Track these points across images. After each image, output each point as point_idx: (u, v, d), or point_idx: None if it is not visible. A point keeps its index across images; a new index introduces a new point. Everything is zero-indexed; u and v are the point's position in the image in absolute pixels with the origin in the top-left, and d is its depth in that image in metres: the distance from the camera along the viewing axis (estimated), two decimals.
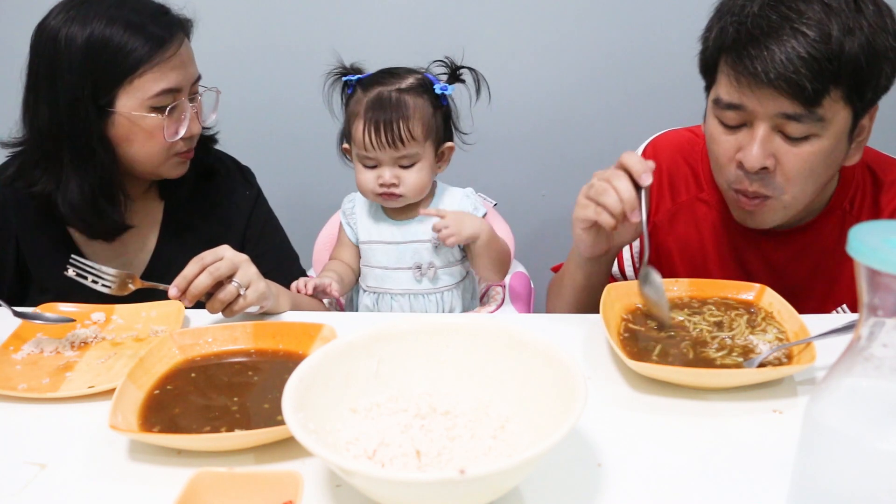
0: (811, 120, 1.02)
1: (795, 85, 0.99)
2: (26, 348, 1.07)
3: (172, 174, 1.28)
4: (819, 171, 1.07)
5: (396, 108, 1.35)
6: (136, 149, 1.22)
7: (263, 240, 1.42)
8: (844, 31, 0.98)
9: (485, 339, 0.86)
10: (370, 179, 1.39)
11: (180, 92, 1.21)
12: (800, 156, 1.05)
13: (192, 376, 0.97)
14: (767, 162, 1.05)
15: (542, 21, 1.96)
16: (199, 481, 0.70)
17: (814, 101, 1.00)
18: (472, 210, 1.48)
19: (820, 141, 1.04)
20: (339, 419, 0.80)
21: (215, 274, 1.05)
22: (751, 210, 1.12)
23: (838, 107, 1.02)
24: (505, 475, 0.67)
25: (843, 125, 1.04)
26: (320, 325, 1.03)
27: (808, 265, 1.22)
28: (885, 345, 0.55)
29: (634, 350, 1.00)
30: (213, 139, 1.41)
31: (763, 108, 1.03)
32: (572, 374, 0.75)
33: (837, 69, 0.99)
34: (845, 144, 1.07)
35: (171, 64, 1.18)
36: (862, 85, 1.01)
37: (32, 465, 0.83)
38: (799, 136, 1.04)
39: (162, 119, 1.19)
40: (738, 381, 0.93)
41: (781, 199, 1.09)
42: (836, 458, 0.58)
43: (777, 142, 1.05)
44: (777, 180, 1.07)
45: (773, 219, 1.13)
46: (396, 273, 1.45)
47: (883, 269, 0.52)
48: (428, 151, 1.39)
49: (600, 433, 0.85)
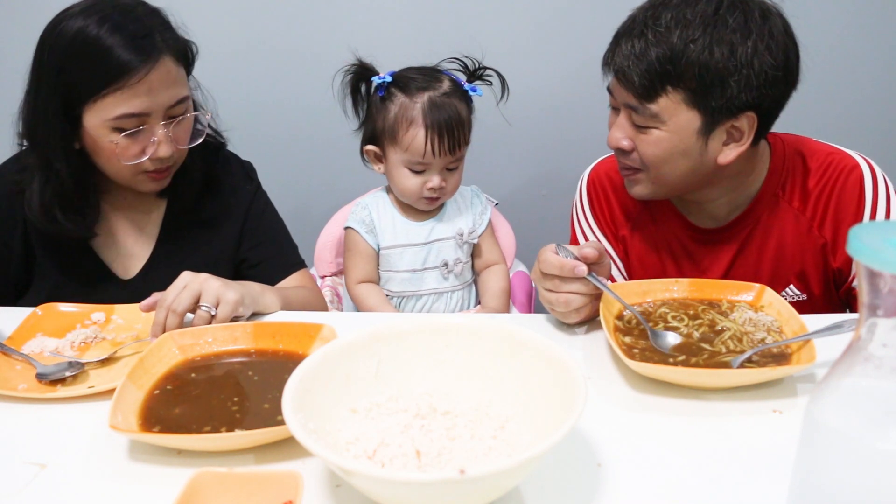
0: (647, 113, 1.14)
1: (628, 78, 1.14)
2: (26, 348, 1.07)
3: (144, 189, 1.26)
4: (671, 160, 1.17)
5: (454, 115, 1.35)
6: (103, 163, 1.22)
7: (260, 230, 1.41)
8: (686, 41, 1.09)
9: (485, 339, 0.86)
10: (417, 185, 1.38)
11: (148, 116, 1.17)
12: (645, 142, 1.17)
13: (192, 376, 0.97)
14: (624, 143, 1.20)
15: (545, 20, 1.96)
16: (199, 481, 0.70)
17: (646, 96, 1.13)
18: (481, 208, 1.49)
19: (661, 133, 1.15)
20: (339, 419, 0.80)
21: (179, 310, 1.07)
22: (628, 178, 1.25)
23: (680, 108, 1.13)
24: (505, 475, 0.67)
25: (687, 125, 1.14)
26: (320, 325, 1.03)
27: (754, 251, 1.29)
28: (884, 345, 0.55)
29: (634, 350, 1.00)
30: (222, 146, 1.40)
31: (618, 95, 1.19)
32: (572, 374, 0.75)
33: (674, 73, 1.10)
34: (696, 143, 1.15)
35: (136, 90, 1.14)
36: (705, 93, 1.11)
37: (32, 465, 0.83)
38: (641, 125, 1.17)
39: (121, 141, 1.17)
40: (738, 381, 0.93)
41: (648, 175, 1.21)
42: (836, 458, 0.58)
43: (630, 128, 1.19)
44: (636, 158, 1.20)
45: (644, 190, 1.24)
46: (425, 273, 1.45)
47: (883, 269, 0.52)
48: (465, 153, 1.42)
49: (600, 433, 0.85)
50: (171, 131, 1.20)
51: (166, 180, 1.27)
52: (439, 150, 1.34)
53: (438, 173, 1.38)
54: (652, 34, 1.11)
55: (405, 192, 1.40)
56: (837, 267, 1.26)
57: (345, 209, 1.63)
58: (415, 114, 1.34)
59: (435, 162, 1.36)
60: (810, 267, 1.27)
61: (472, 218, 1.48)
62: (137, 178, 1.23)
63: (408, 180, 1.38)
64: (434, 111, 1.34)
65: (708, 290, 1.14)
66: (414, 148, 1.35)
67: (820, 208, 1.25)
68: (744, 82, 1.10)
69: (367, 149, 1.42)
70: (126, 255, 1.34)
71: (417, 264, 1.44)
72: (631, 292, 1.12)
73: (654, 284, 1.15)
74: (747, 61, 1.09)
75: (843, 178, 1.24)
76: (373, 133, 1.41)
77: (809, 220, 1.25)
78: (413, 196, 1.40)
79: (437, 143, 1.34)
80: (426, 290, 1.45)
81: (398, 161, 1.38)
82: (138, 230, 1.35)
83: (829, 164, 1.25)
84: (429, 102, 1.34)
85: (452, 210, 1.47)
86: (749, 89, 1.11)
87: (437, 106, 1.34)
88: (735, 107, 1.12)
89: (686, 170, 1.19)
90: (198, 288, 1.08)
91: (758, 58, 1.09)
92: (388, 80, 1.38)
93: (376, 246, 1.45)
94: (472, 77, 1.43)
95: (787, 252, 1.28)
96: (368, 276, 1.45)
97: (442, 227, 1.45)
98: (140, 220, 1.35)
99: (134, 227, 1.34)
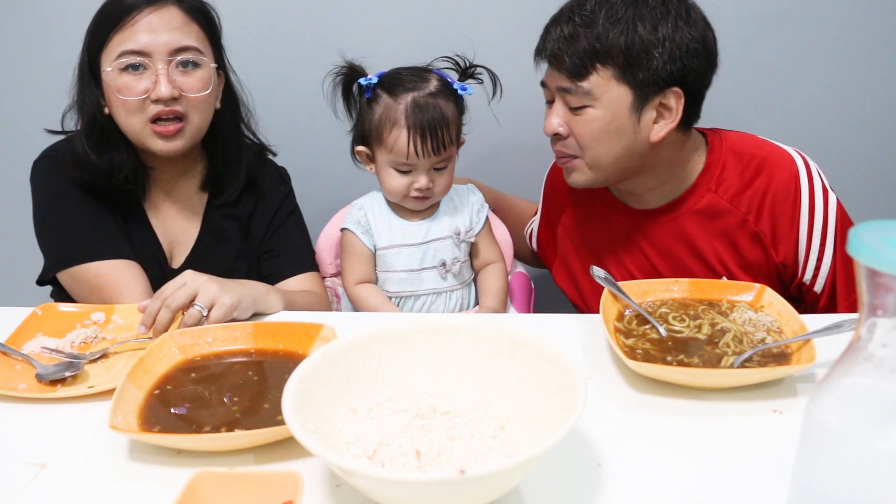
0: (580, 92, 1.20)
1: (559, 60, 1.21)
2: (26, 348, 1.07)
3: (156, 148, 1.29)
4: (606, 138, 1.22)
5: (438, 116, 1.34)
6: (119, 118, 1.28)
7: (283, 228, 1.48)
8: (611, 20, 1.17)
9: (485, 339, 0.86)
10: (404, 185, 1.38)
11: (150, 57, 1.23)
12: (581, 123, 1.23)
13: (192, 376, 0.97)
14: (560, 129, 1.25)
15: (543, 19, 1.96)
16: (199, 481, 0.70)
17: (577, 75, 1.20)
18: (478, 206, 1.49)
19: (595, 112, 1.21)
20: (339, 419, 0.80)
21: (173, 307, 1.08)
22: (565, 166, 1.30)
23: (611, 84, 1.19)
24: (505, 475, 0.67)
25: (618, 100, 1.20)
26: (320, 325, 1.03)
27: (686, 241, 1.34)
28: (884, 344, 0.55)
29: (636, 350, 1.00)
30: (264, 149, 1.49)
31: (551, 82, 1.25)
32: (572, 374, 0.75)
33: (601, 50, 1.18)
34: (629, 120, 1.21)
35: (136, 28, 1.23)
36: (632, 66, 1.17)
37: (32, 465, 0.83)
38: (576, 106, 1.22)
39: (123, 77, 1.24)
40: (738, 381, 0.93)
41: (585, 160, 1.26)
42: (836, 458, 0.58)
43: (566, 112, 1.24)
44: (573, 143, 1.25)
45: (582, 177, 1.29)
46: (422, 273, 1.45)
47: (883, 269, 0.52)
48: (454, 152, 1.41)
49: (600, 433, 0.85)
50: (175, 75, 1.25)
51: (177, 141, 1.29)
52: (423, 150, 1.34)
53: (425, 174, 1.38)
54: (579, 18, 1.20)
55: (392, 192, 1.41)
56: (781, 261, 1.29)
57: (343, 211, 1.63)
58: (397, 115, 1.34)
59: (420, 162, 1.36)
60: (750, 259, 1.30)
61: (468, 216, 1.48)
62: (145, 132, 1.27)
63: (394, 180, 1.39)
64: (416, 112, 1.33)
65: (708, 290, 1.14)
66: (397, 149, 1.35)
67: (756, 202, 1.28)
68: (667, 54, 1.17)
69: (359, 149, 1.43)
70: (175, 243, 1.41)
71: (415, 264, 1.44)
72: (631, 292, 1.12)
73: (654, 284, 1.15)
74: (668, 35, 1.17)
75: (778, 172, 1.28)
76: (362, 134, 1.42)
77: (744, 213, 1.28)
78: (399, 196, 1.40)
79: (419, 143, 1.34)
80: (424, 291, 1.45)
81: (385, 162, 1.39)
82: (184, 219, 1.42)
83: (765, 159, 1.30)
84: (412, 103, 1.34)
85: (448, 209, 1.47)
86: (672, 61, 1.17)
87: (420, 106, 1.34)
88: (661, 79, 1.18)
89: (620, 150, 1.23)
90: (195, 288, 1.10)
91: (679, 32, 1.18)
92: (374, 82, 1.38)
93: (372, 247, 1.44)
94: (464, 76, 1.43)
95: (719, 244, 1.31)
96: (366, 276, 1.45)
97: (438, 227, 1.45)
98: (184, 209, 1.42)
99: (180, 216, 1.42)
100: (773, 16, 1.75)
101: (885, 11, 1.78)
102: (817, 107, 1.86)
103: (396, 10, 1.85)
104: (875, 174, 1.91)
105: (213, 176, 1.42)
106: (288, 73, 1.86)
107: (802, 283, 1.30)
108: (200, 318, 1.09)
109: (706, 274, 1.32)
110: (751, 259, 1.30)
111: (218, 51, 1.35)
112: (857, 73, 1.85)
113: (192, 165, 1.41)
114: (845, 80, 1.85)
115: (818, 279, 1.29)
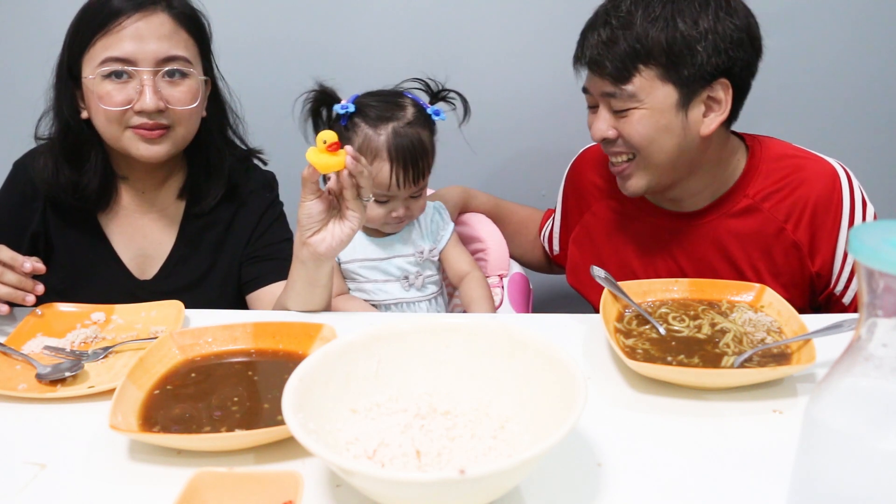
0: (625, 96, 1.18)
1: (600, 66, 1.19)
2: (26, 348, 1.07)
3: (137, 153, 1.23)
4: (657, 138, 1.20)
5: (418, 147, 1.33)
6: (94, 120, 1.23)
7: (267, 236, 1.41)
8: (649, 20, 1.15)
9: (485, 339, 0.86)
10: (381, 214, 1.38)
11: (135, 65, 1.18)
12: (628, 124, 1.20)
13: (192, 376, 0.97)
14: (609, 133, 1.23)
15: (538, 20, 1.96)
16: (199, 481, 0.70)
17: (620, 79, 1.18)
18: (442, 224, 1.48)
19: (642, 112, 1.19)
20: (339, 419, 0.80)
21: None
22: (622, 174, 1.28)
23: (655, 84, 1.17)
24: (505, 475, 0.67)
25: (664, 100, 1.18)
26: (320, 325, 1.03)
27: (718, 246, 1.31)
28: (884, 344, 0.55)
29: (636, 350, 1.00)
30: (250, 155, 1.42)
31: (593, 88, 1.23)
32: (572, 374, 0.75)
33: (643, 51, 1.15)
34: (677, 117, 1.19)
35: (122, 35, 1.17)
36: (676, 64, 1.15)
37: (32, 465, 0.83)
38: (620, 109, 1.20)
39: (106, 85, 1.19)
40: (738, 381, 0.93)
41: (639, 161, 1.24)
42: (836, 458, 0.58)
43: (611, 116, 1.22)
44: (623, 144, 1.23)
45: (639, 182, 1.26)
46: (387, 285, 1.45)
47: (883, 269, 0.52)
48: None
49: (600, 433, 0.85)
50: (161, 86, 1.20)
51: (160, 146, 1.23)
52: (404, 182, 1.33)
53: (402, 202, 1.37)
54: (616, 20, 1.17)
55: (371, 220, 1.39)
56: (816, 271, 1.27)
57: None
58: (378, 147, 1.32)
59: (401, 193, 1.36)
60: (783, 267, 1.28)
61: (432, 236, 1.48)
62: (126, 135, 1.22)
63: (372, 210, 1.37)
64: (398, 144, 1.32)
65: (708, 290, 1.14)
66: (379, 181, 1.33)
67: (796, 211, 1.26)
68: (711, 47, 1.15)
69: None
70: (143, 256, 1.35)
71: (379, 276, 1.44)
72: (631, 292, 1.12)
73: (655, 284, 1.15)
74: (711, 27, 1.15)
75: (820, 182, 1.25)
76: None
77: (782, 221, 1.26)
78: (377, 223, 1.40)
79: (402, 176, 1.33)
80: (392, 300, 1.45)
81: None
82: (158, 230, 1.36)
83: (806, 169, 1.27)
84: (393, 134, 1.32)
85: (412, 227, 1.46)
86: (717, 53, 1.15)
87: (402, 139, 1.32)
88: (707, 73, 1.16)
89: (673, 148, 1.21)
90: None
91: (720, 23, 1.15)
92: (351, 111, 1.35)
93: (337, 259, 1.44)
94: (435, 98, 1.41)
95: (746, 250, 1.29)
96: (339, 288, 1.45)
97: (401, 246, 1.45)
98: (158, 219, 1.36)
99: (153, 227, 1.35)
100: (780, 16, 1.75)
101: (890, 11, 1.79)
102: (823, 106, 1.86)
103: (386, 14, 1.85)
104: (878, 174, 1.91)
105: (192, 184, 1.36)
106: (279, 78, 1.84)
107: (832, 294, 1.28)
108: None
109: (735, 279, 1.27)
110: (784, 267, 1.28)
111: (207, 60, 1.30)
112: (861, 72, 1.85)
113: (170, 174, 1.36)
114: (850, 80, 1.85)
115: (848, 291, 1.27)
